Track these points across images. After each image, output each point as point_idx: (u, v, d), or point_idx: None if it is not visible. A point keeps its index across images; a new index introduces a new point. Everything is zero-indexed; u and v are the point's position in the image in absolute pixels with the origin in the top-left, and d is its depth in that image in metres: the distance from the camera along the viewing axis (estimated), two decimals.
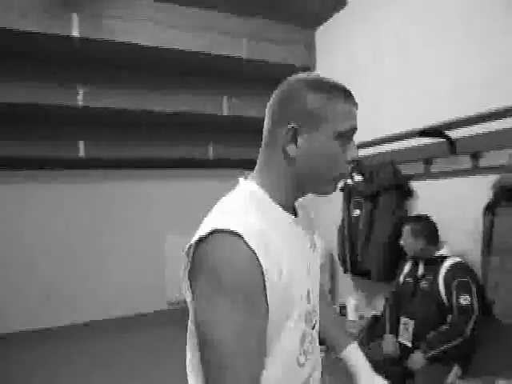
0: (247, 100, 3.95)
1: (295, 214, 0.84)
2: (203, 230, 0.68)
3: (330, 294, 3.62)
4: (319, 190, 0.80)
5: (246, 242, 0.64)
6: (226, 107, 3.85)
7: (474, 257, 2.09)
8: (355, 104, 0.76)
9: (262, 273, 0.65)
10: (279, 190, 0.77)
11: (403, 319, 2.22)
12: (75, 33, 2.77)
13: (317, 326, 0.86)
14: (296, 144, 0.73)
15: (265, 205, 0.75)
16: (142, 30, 3.02)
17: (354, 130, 0.75)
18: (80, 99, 3.27)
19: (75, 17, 2.75)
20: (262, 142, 0.81)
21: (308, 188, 0.80)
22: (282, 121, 0.74)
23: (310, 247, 0.86)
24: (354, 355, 0.97)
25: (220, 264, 0.64)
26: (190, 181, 4.90)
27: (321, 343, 0.91)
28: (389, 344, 2.19)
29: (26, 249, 4.11)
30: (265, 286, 0.66)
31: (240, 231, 0.65)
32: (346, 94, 0.74)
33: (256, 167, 0.82)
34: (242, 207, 0.73)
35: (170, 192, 4.80)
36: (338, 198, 3.21)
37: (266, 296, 0.66)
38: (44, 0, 2.66)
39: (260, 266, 0.65)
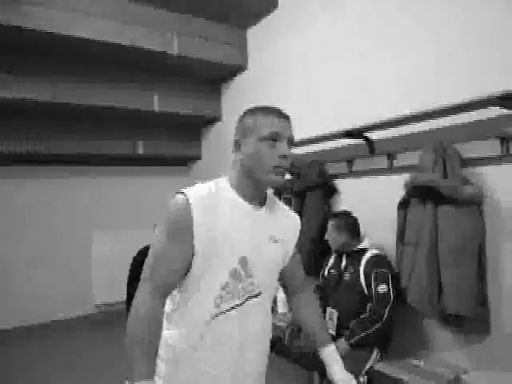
0: (178, 96, 3.91)
1: (261, 205, 1.11)
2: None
3: None
4: (265, 181, 1.05)
5: (187, 199, 0.99)
6: (156, 103, 3.77)
7: (391, 249, 2.28)
8: (278, 116, 1.05)
9: (193, 222, 0.98)
10: (241, 184, 1.07)
11: (329, 310, 2.35)
12: None
13: (259, 299, 1.12)
14: (240, 150, 1.06)
15: (226, 193, 1.06)
16: (70, 20, 2.85)
17: (274, 133, 1.02)
18: None
19: None
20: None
21: (258, 181, 1.05)
22: (234, 136, 1.10)
23: (270, 237, 1.11)
24: (331, 356, 1.22)
25: (168, 210, 1.02)
26: (118, 178, 4.71)
27: None
28: None
29: None
30: (193, 230, 0.98)
31: (187, 193, 1.00)
32: (269, 112, 1.06)
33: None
34: (204, 186, 1.05)
35: (96, 190, 4.58)
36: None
37: (192, 237, 0.99)
38: None
39: (191, 216, 0.98)
